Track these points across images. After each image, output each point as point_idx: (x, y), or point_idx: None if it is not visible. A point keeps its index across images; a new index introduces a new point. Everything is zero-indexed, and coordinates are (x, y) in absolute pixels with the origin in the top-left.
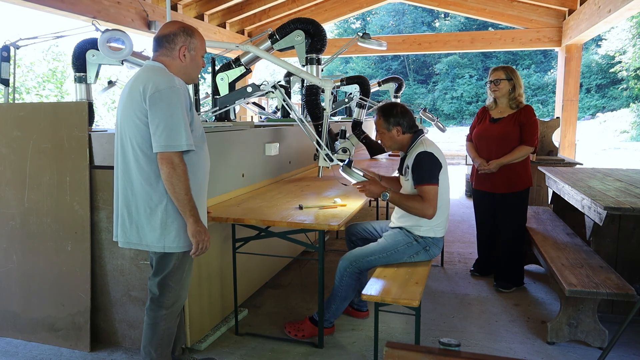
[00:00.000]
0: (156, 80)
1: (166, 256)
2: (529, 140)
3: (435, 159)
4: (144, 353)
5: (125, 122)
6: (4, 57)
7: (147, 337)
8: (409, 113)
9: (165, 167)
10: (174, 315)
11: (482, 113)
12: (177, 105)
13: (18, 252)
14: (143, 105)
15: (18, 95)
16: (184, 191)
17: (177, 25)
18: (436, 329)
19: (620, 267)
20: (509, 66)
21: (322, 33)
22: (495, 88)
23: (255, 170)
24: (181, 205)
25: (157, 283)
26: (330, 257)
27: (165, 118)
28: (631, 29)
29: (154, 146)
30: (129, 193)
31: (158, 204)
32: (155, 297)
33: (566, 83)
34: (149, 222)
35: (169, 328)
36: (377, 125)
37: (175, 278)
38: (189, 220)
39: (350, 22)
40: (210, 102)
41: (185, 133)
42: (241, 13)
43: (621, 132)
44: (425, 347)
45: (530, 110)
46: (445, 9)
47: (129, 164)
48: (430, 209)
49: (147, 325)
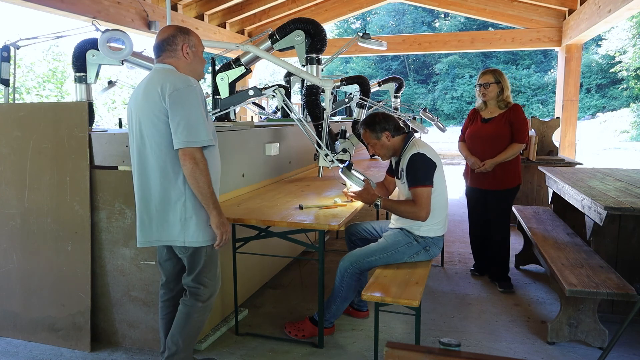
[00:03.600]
0: (173, 80)
1: (196, 253)
2: (520, 137)
3: (429, 159)
4: (171, 342)
5: (143, 122)
6: (4, 57)
7: (178, 326)
8: (391, 117)
9: (188, 163)
10: (208, 309)
11: (473, 114)
12: (196, 102)
13: (18, 252)
14: (162, 104)
15: (18, 95)
16: (207, 185)
17: (172, 28)
18: (436, 329)
19: (620, 267)
20: (497, 69)
21: (322, 33)
22: (485, 91)
23: (255, 170)
24: (205, 198)
25: (193, 279)
26: (330, 257)
27: (186, 115)
28: (631, 29)
29: (176, 143)
30: (147, 192)
31: (177, 201)
32: (193, 291)
33: (566, 83)
34: (168, 218)
35: (201, 321)
36: (365, 139)
37: (209, 274)
38: (213, 213)
39: (350, 22)
40: (211, 102)
41: (205, 129)
42: (241, 13)
43: (621, 132)
44: (425, 347)
45: (518, 109)
46: (445, 9)
47: (146, 164)
48: (423, 212)
49: (181, 314)
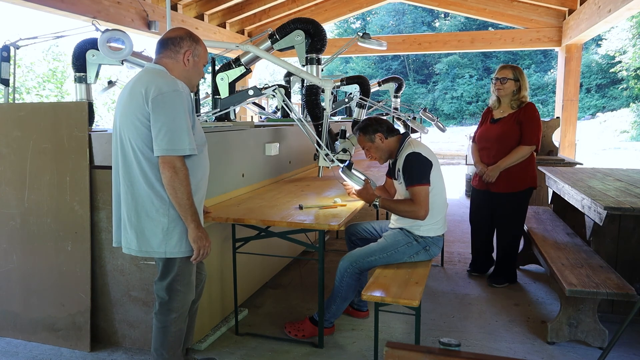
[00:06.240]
0: (159, 82)
1: (170, 261)
2: (528, 139)
3: (424, 158)
4: (156, 354)
5: (125, 124)
6: (4, 57)
7: (158, 341)
8: (383, 119)
9: (167, 171)
10: (184, 316)
11: (485, 114)
12: (180, 108)
13: (18, 252)
14: (145, 107)
15: (18, 95)
16: (185, 196)
17: (184, 31)
18: (436, 329)
19: (620, 267)
20: (518, 66)
21: (322, 33)
22: (500, 86)
23: (255, 170)
24: (183, 210)
25: (164, 288)
26: (330, 257)
27: (168, 121)
28: (631, 29)
29: (156, 149)
30: (129, 197)
31: (160, 209)
32: (164, 302)
33: (566, 83)
34: (151, 227)
35: (180, 330)
36: (360, 144)
37: (182, 282)
38: (191, 226)
39: (350, 22)
40: (211, 102)
41: (188, 137)
42: (241, 13)
43: (621, 132)
44: (425, 347)
45: (531, 108)
46: (445, 9)
47: (130, 168)
48: (422, 211)
49: (157, 330)
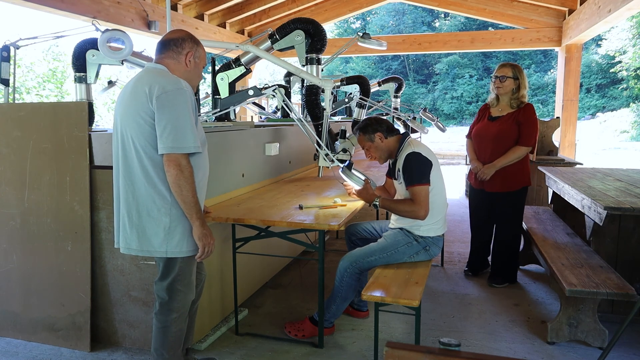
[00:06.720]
0: (162, 81)
1: (171, 261)
2: (526, 140)
3: (424, 158)
4: (156, 354)
5: (128, 123)
6: (4, 57)
7: (158, 341)
8: (383, 119)
9: (172, 169)
10: (184, 316)
11: (482, 110)
12: (185, 106)
13: (18, 252)
14: (149, 106)
15: (18, 95)
16: (191, 194)
17: (185, 32)
18: (436, 329)
19: (620, 267)
20: (517, 65)
21: (322, 33)
22: (500, 85)
23: (255, 170)
24: (188, 207)
25: (165, 288)
26: (330, 257)
27: (173, 119)
28: (631, 29)
29: (160, 147)
30: (130, 197)
31: (162, 208)
32: (165, 302)
33: (566, 83)
34: (152, 227)
35: (180, 330)
36: (360, 144)
37: (183, 282)
38: (196, 223)
39: (350, 22)
40: (211, 102)
41: (192, 135)
42: (241, 13)
43: (621, 132)
44: (425, 347)
45: (530, 109)
46: (445, 9)
47: (131, 167)
48: (422, 210)
49: (157, 330)
